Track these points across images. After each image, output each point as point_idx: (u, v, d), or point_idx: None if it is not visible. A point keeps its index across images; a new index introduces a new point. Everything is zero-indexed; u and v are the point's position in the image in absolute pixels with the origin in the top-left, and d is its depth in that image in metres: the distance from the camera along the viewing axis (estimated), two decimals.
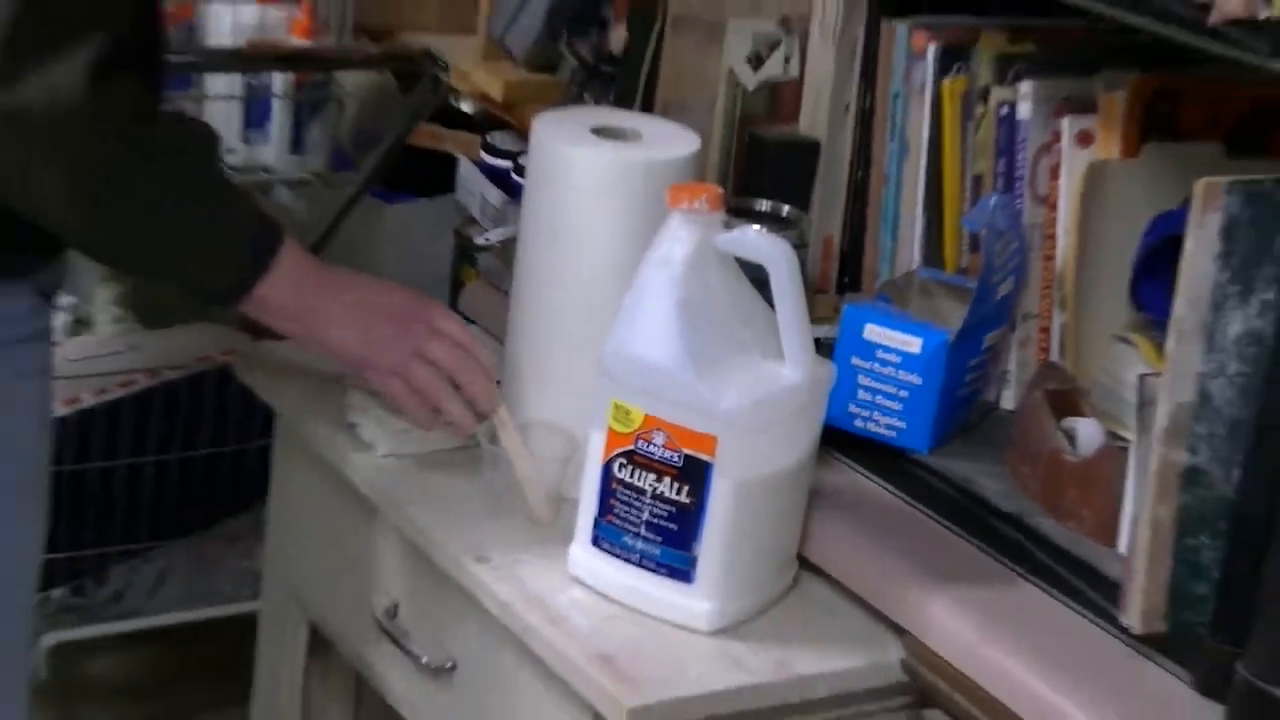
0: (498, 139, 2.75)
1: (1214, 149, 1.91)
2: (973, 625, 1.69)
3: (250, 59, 2.61)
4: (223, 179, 1.88)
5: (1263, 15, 1.47)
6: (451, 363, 1.90)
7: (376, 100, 2.84)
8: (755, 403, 1.70)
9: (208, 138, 1.91)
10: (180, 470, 2.74)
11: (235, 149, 2.68)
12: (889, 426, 1.90)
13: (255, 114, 2.67)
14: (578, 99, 2.42)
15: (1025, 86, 1.97)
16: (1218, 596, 1.60)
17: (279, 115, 2.68)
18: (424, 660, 1.89)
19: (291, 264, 1.84)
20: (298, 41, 2.65)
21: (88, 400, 2.66)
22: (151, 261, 1.89)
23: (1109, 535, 1.72)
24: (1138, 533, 1.60)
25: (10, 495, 1.94)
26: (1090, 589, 1.71)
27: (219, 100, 2.64)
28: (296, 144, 2.71)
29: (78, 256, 2.02)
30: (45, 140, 1.70)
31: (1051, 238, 1.96)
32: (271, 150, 2.70)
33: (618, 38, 2.34)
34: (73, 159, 1.72)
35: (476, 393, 1.91)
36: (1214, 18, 1.47)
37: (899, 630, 1.76)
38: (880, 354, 1.89)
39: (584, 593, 1.77)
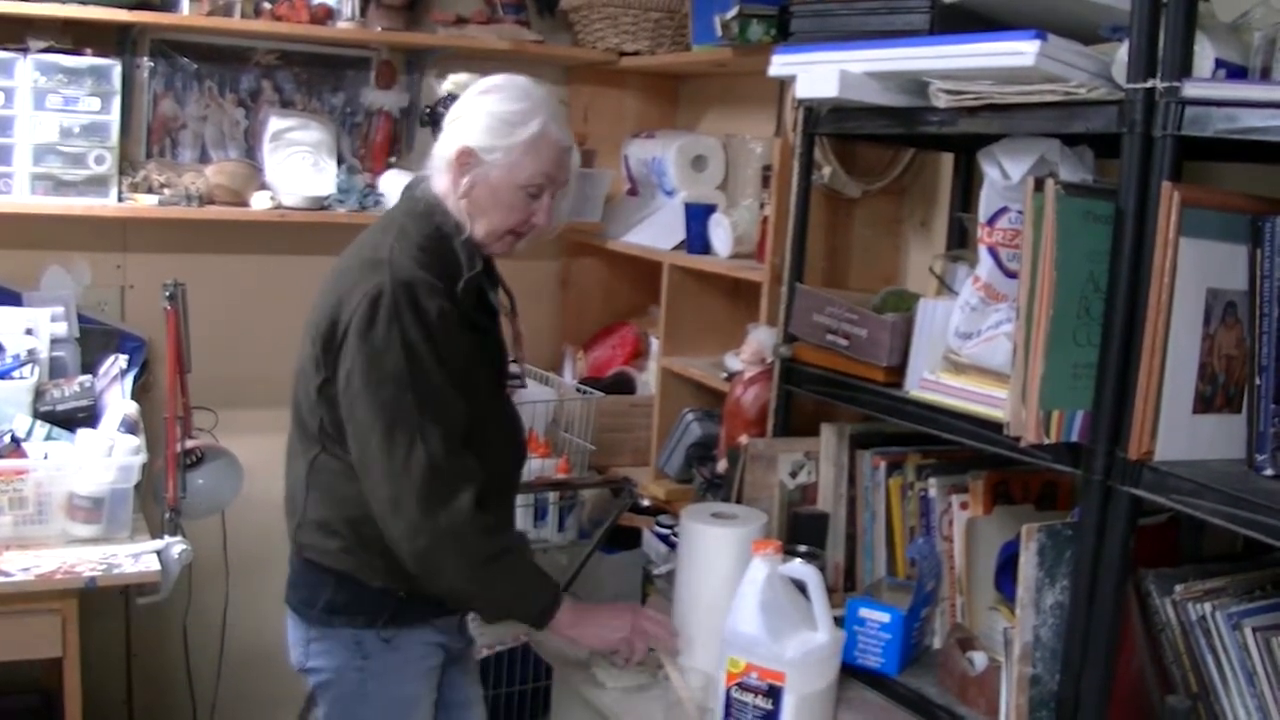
0: (662, 520, 2.75)
1: (1029, 509, 1.90)
2: None
3: (538, 486, 2.60)
4: (531, 565, 1.83)
5: (1046, 442, 1.50)
6: (653, 635, 1.91)
7: (600, 502, 2.80)
8: (804, 654, 1.70)
9: (523, 541, 1.91)
10: (506, 698, 2.61)
11: (529, 530, 2.63)
12: (875, 660, 1.87)
13: (539, 512, 2.65)
14: (703, 499, 2.39)
15: (932, 481, 1.97)
16: None
17: (551, 512, 2.66)
18: None
19: (568, 608, 1.83)
20: (559, 475, 2.65)
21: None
22: (495, 613, 1.88)
23: (995, 713, 1.68)
24: (1009, 711, 1.61)
25: None
26: None
27: (525, 506, 2.62)
28: (560, 526, 2.68)
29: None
30: (451, 545, 1.71)
31: (951, 558, 1.94)
32: (548, 530, 2.66)
33: (722, 465, 2.35)
34: (461, 557, 1.73)
35: (661, 645, 1.90)
36: (1023, 443, 1.53)
37: None
38: (869, 623, 1.87)
39: None
